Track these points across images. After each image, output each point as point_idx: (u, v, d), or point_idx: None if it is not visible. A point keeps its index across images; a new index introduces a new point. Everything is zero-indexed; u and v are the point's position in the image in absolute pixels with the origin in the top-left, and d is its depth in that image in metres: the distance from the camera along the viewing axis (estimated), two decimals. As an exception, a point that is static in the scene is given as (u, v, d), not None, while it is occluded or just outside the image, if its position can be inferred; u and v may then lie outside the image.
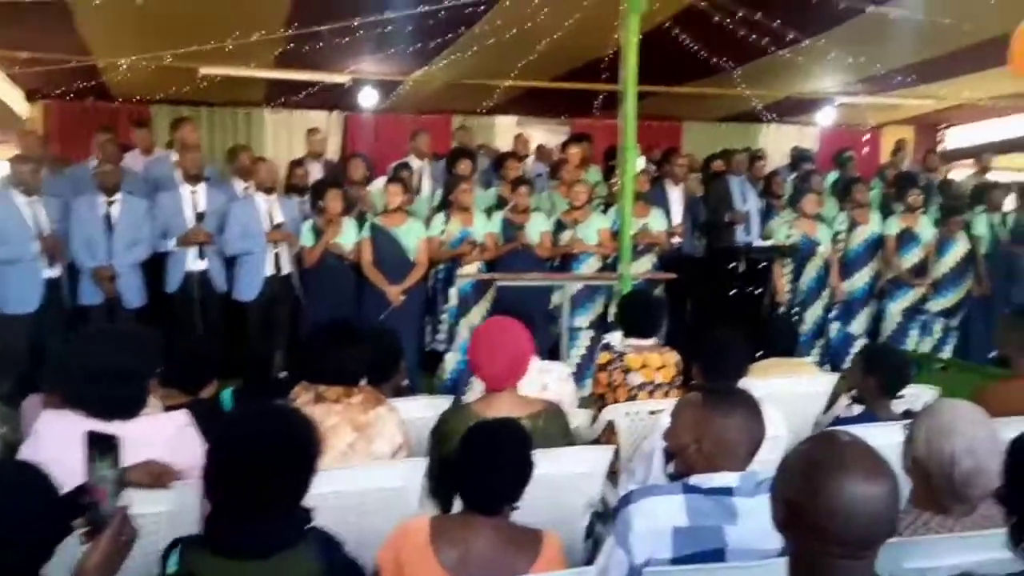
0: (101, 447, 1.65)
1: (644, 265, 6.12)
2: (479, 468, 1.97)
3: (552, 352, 5.27)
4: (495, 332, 2.81)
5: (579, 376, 5.24)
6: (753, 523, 1.88)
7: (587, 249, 6.04)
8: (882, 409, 3.01)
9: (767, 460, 1.92)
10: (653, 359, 3.56)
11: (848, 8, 5.18)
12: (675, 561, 1.85)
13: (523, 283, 5.17)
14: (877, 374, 3.04)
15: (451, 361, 5.20)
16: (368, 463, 2.57)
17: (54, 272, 5.20)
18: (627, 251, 4.93)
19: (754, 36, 5.70)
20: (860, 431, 1.57)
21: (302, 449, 1.77)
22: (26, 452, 2.26)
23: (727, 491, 1.90)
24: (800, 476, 1.43)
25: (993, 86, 8.24)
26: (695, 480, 1.94)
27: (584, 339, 5.93)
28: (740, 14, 5.15)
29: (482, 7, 5.13)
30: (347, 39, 5.74)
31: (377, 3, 4.98)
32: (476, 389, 3.10)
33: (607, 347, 3.83)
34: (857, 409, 3.11)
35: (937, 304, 6.82)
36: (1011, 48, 4.05)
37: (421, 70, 7.28)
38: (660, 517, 1.88)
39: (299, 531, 1.86)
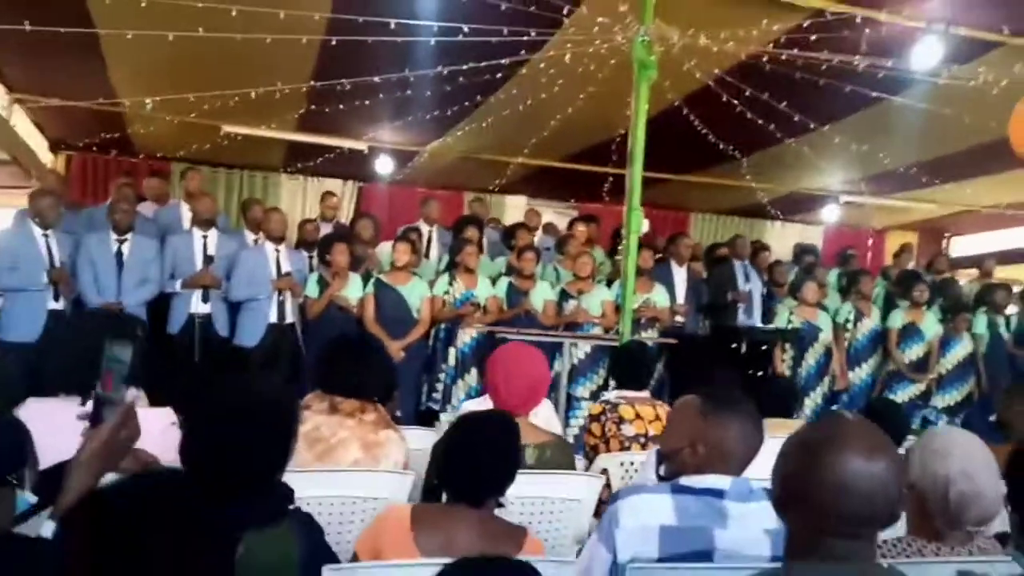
0: (121, 333, 1.62)
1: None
2: (465, 457, 1.95)
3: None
4: (514, 356, 2.81)
5: (580, 445, 5.18)
6: (743, 528, 1.84)
7: (590, 320, 6.08)
8: None
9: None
10: (646, 411, 3.52)
11: (857, 96, 5.36)
12: (661, 560, 1.80)
13: (524, 339, 5.15)
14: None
15: (445, 421, 5.16)
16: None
17: (58, 305, 5.24)
18: (629, 307, 4.95)
19: (762, 121, 5.88)
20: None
21: (278, 420, 1.75)
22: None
23: (719, 493, 1.87)
24: (800, 454, 1.43)
25: (1000, 192, 8.45)
26: (686, 480, 1.90)
27: (585, 409, 5.88)
28: (749, 93, 5.34)
29: (499, 75, 5.34)
30: (367, 101, 5.96)
31: (399, 62, 5.18)
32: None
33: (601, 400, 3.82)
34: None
35: (942, 400, 6.82)
36: (1011, 126, 4.18)
37: (437, 141, 7.50)
38: (648, 515, 1.84)
39: (280, 510, 1.83)
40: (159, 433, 2.43)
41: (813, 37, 4.53)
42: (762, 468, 1.94)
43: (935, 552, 1.97)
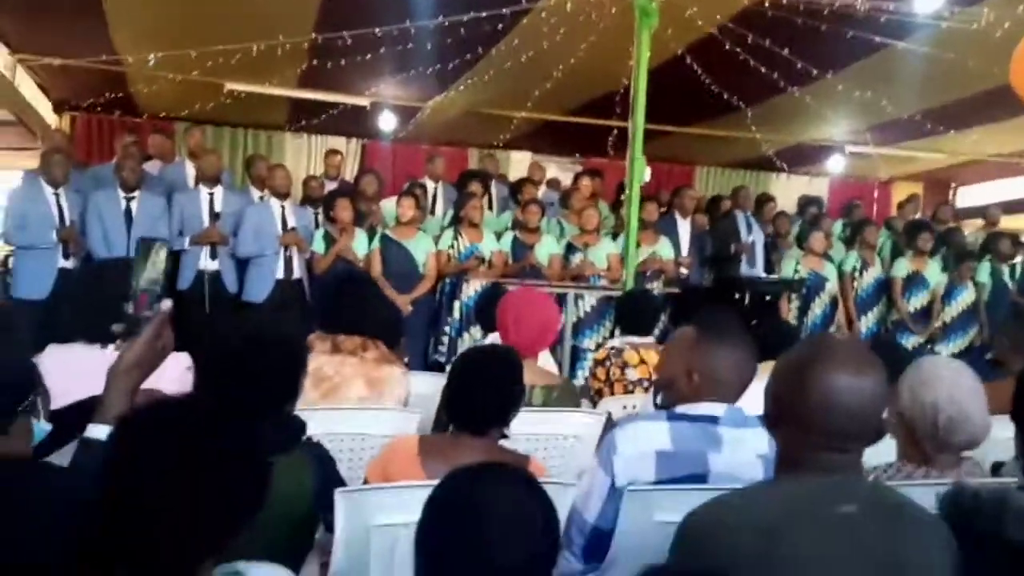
0: (149, 251, 1.68)
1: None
2: (468, 387, 2.03)
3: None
4: (525, 300, 2.90)
5: (586, 397, 5.27)
6: (737, 452, 1.92)
7: (596, 272, 6.14)
8: None
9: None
10: (651, 356, 3.59)
11: (861, 41, 5.33)
12: (658, 483, 1.88)
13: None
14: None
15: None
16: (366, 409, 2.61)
17: (68, 263, 5.33)
18: (632, 256, 5.02)
19: (766, 70, 5.87)
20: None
21: (286, 351, 1.84)
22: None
23: (713, 419, 1.94)
24: (789, 371, 1.48)
25: (1006, 140, 8.40)
26: (682, 408, 1.98)
27: (591, 361, 5.96)
28: (751, 41, 5.32)
29: (500, 25, 5.33)
30: (369, 56, 5.95)
31: (400, 14, 5.17)
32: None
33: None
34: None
35: (946, 349, 6.86)
36: (1012, 68, 4.18)
37: (440, 95, 7.49)
38: (644, 441, 1.92)
39: (294, 439, 1.92)
40: (176, 377, 2.53)
41: (814, -20, 4.52)
42: (756, 403, 2.03)
43: (924, 476, 2.05)
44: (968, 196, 11.26)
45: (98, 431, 1.48)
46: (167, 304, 1.63)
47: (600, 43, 5.50)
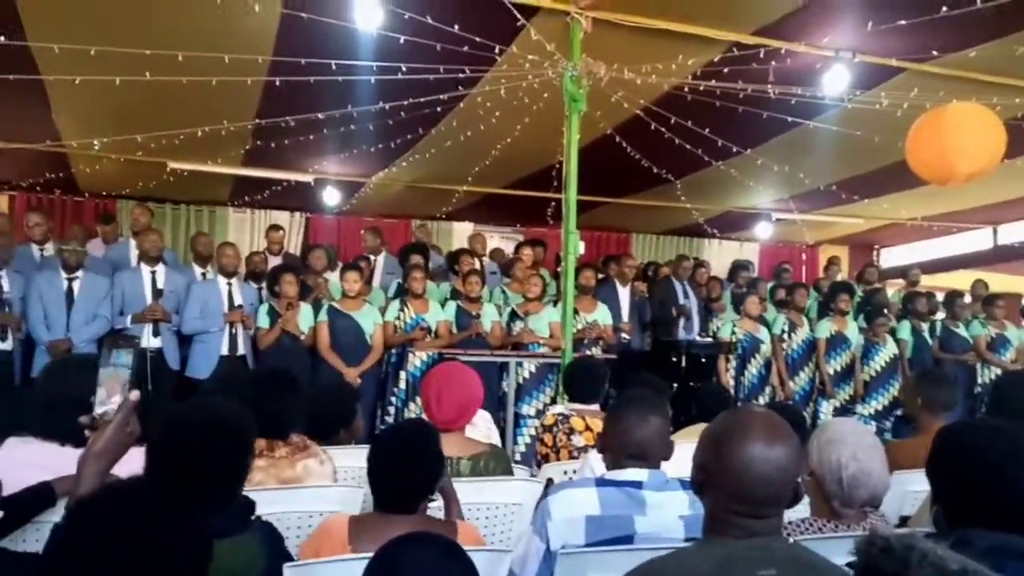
0: (120, 343, 1.76)
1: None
2: (387, 470, 2.09)
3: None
4: (446, 376, 3.00)
5: (526, 463, 5.38)
6: (660, 514, 2.08)
7: (537, 340, 6.31)
8: None
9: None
10: (596, 423, 3.73)
11: (775, 121, 5.75)
12: (588, 546, 2.02)
13: (472, 359, 5.37)
14: None
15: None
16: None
17: (6, 345, 5.29)
18: (569, 325, 5.21)
19: (690, 147, 6.24)
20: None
21: (235, 434, 1.90)
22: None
23: (637, 484, 2.10)
24: (709, 443, 1.61)
25: (917, 206, 8.98)
26: (609, 475, 2.14)
27: (531, 427, 6.09)
28: (674, 122, 5.68)
29: (439, 108, 5.59)
30: (312, 136, 6.16)
31: (341, 100, 5.40)
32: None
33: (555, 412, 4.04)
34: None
35: (867, 408, 7.15)
36: (907, 148, 4.58)
37: (382, 171, 7.72)
38: (575, 507, 2.07)
39: (244, 520, 2.00)
40: (138, 465, 2.57)
41: (726, 70, 4.89)
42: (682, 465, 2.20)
43: (834, 529, 2.23)
44: (891, 257, 11.89)
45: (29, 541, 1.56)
46: (135, 394, 1.73)
47: (534, 124, 5.80)
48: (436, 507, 2.42)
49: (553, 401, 6.13)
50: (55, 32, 4.49)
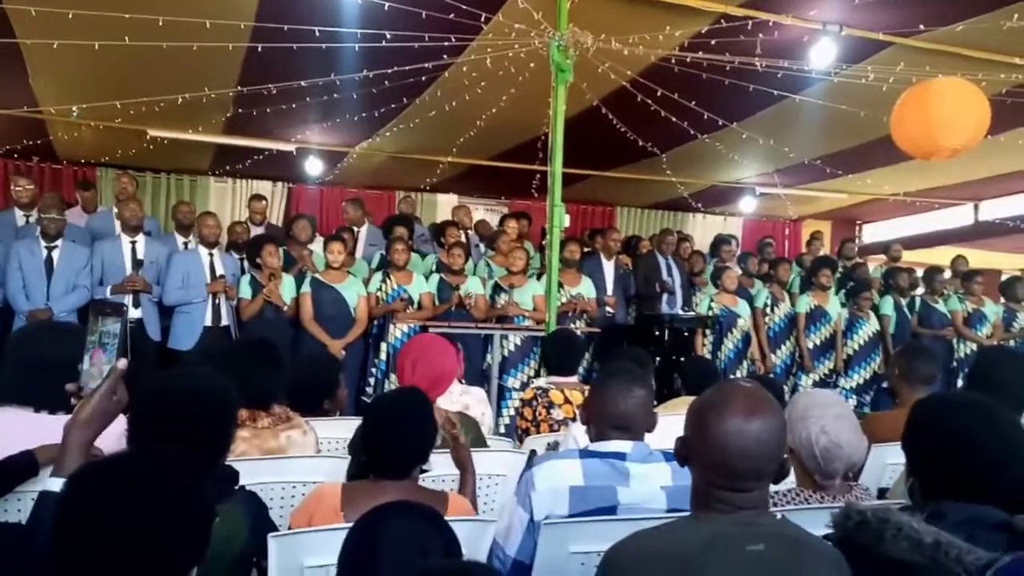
0: (106, 311, 1.74)
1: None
2: (381, 434, 2.11)
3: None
4: (423, 346, 3.01)
5: (511, 436, 5.41)
6: (643, 485, 2.11)
7: (521, 313, 6.32)
8: None
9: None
10: (575, 395, 3.76)
11: (761, 94, 5.74)
12: (571, 516, 2.04)
13: (456, 331, 5.38)
14: None
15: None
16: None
17: (-16, 313, 5.25)
18: (554, 299, 5.23)
19: (676, 119, 6.22)
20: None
21: (219, 402, 1.90)
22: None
23: (621, 456, 2.12)
24: (692, 418, 1.62)
25: (901, 181, 9.03)
26: (593, 446, 2.16)
27: (516, 400, 6.12)
28: (661, 94, 5.66)
29: (424, 78, 5.53)
30: (294, 105, 6.08)
31: (325, 67, 5.32)
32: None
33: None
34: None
35: (848, 381, 7.25)
36: (891, 123, 4.59)
37: (366, 141, 7.65)
38: (559, 478, 2.09)
39: (227, 489, 2.01)
40: (115, 439, 2.56)
41: (713, 42, 4.87)
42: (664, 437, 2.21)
43: (819, 500, 2.26)
44: (873, 233, 11.98)
45: (55, 484, 1.55)
46: (123, 362, 1.71)
47: (520, 95, 5.76)
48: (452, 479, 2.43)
49: (537, 374, 6.16)
50: (32, -6, 4.39)
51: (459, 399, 3.40)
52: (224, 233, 6.86)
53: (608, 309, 7.00)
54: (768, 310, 7.33)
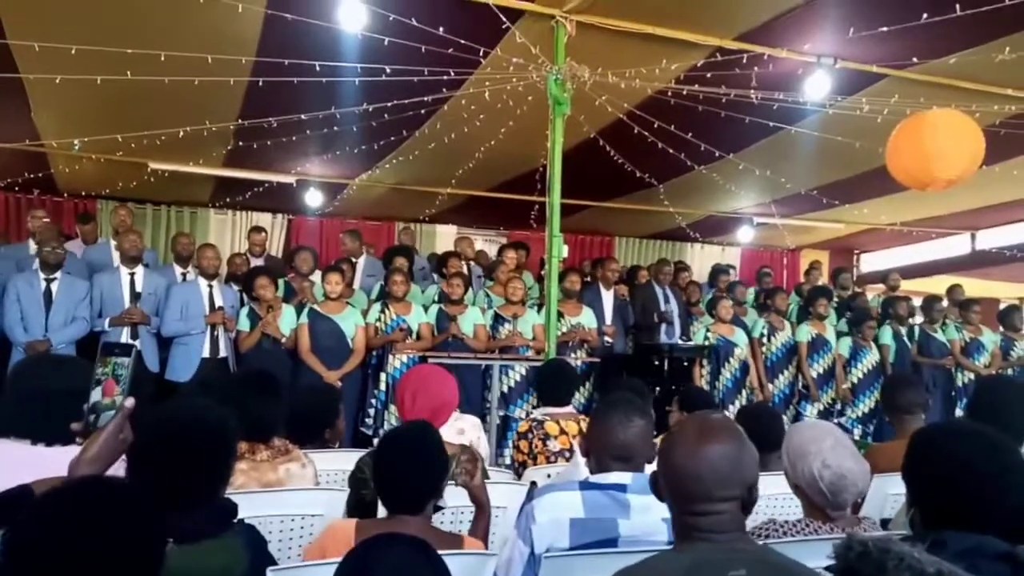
0: (117, 350, 1.75)
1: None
2: (392, 469, 2.11)
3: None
4: (422, 376, 3.00)
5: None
6: (644, 517, 2.10)
7: (525, 343, 6.32)
8: (768, 464, 3.21)
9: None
10: (571, 426, 3.73)
11: (757, 126, 5.80)
12: (572, 549, 2.03)
13: (455, 362, 5.37)
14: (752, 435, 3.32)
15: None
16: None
17: (-19, 346, 5.25)
18: (553, 329, 5.23)
19: (673, 150, 6.28)
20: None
21: (218, 434, 1.90)
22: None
23: (622, 488, 2.12)
24: (659, 449, 1.68)
25: (897, 211, 9.09)
26: (593, 478, 2.15)
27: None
28: (657, 126, 5.72)
29: (423, 111, 5.59)
30: (295, 137, 6.13)
31: (325, 101, 5.38)
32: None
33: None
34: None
35: (853, 411, 7.22)
36: (887, 154, 4.64)
37: (366, 173, 7.71)
38: (560, 510, 2.08)
39: (226, 521, 2.00)
40: (115, 468, 2.55)
41: (709, 75, 4.93)
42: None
43: (829, 531, 2.24)
44: (871, 262, 12.02)
45: None
46: (130, 401, 1.71)
47: (518, 127, 5.82)
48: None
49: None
50: (35, 30, 4.45)
51: (453, 424, 3.39)
52: (224, 265, 6.88)
53: (607, 339, 7.02)
54: (765, 339, 7.34)
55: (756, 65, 4.87)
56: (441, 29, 4.38)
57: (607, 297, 7.27)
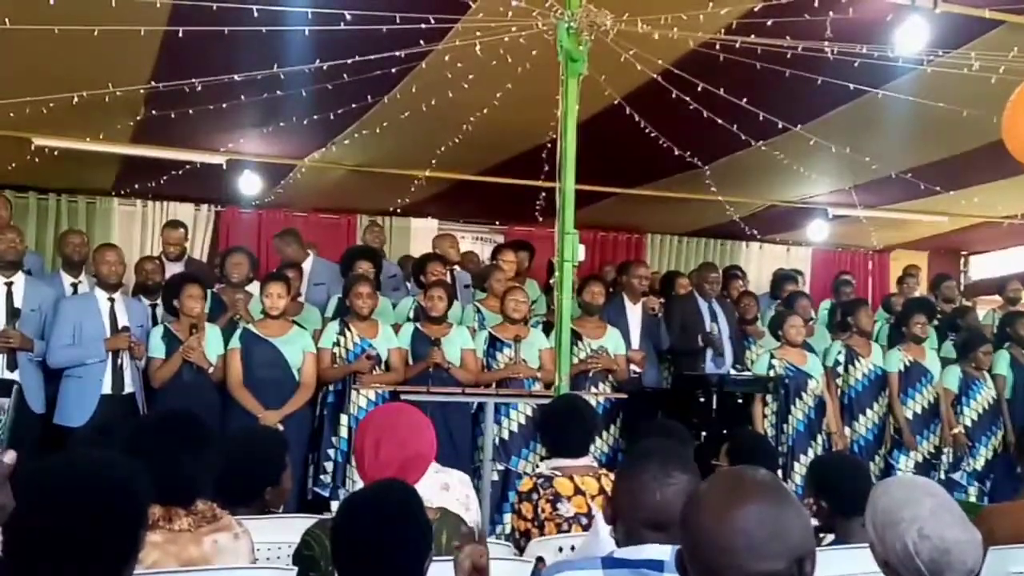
0: None
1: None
2: (361, 545, 2.12)
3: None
4: (388, 418, 3.00)
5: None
6: (685, 603, 2.09)
7: (533, 374, 6.32)
8: (851, 534, 3.23)
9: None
10: (589, 483, 3.71)
11: (834, 89, 5.80)
12: (593, 645, 2.03)
13: (437, 399, 5.38)
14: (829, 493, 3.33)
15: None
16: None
17: None
18: (565, 355, 5.23)
19: (723, 121, 6.29)
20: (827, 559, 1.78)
21: (122, 498, 1.88)
22: None
23: (657, 565, 2.11)
24: (681, 518, 1.71)
25: (1019, 200, 9.07)
26: (622, 552, 2.15)
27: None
28: (702, 89, 5.72)
29: (394, 70, 5.60)
30: (225, 105, 6.12)
31: (265, 57, 5.39)
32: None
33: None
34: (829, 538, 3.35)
35: (968, 463, 7.24)
36: (1004, 125, 4.65)
37: (318, 152, 7.71)
38: (576, 596, 2.08)
39: (133, 612, 1.99)
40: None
41: (770, 22, 4.93)
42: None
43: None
44: (983, 267, 12.02)
45: None
46: (10, 455, 1.67)
47: (519, 92, 5.82)
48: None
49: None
50: None
51: (435, 479, 3.38)
52: (130, 272, 6.88)
53: (634, 368, 7.00)
54: (843, 369, 7.33)
55: (831, 9, 4.87)
56: (418, -37, 4.41)
57: (633, 312, 7.27)
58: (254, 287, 6.82)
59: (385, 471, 2.84)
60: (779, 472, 5.77)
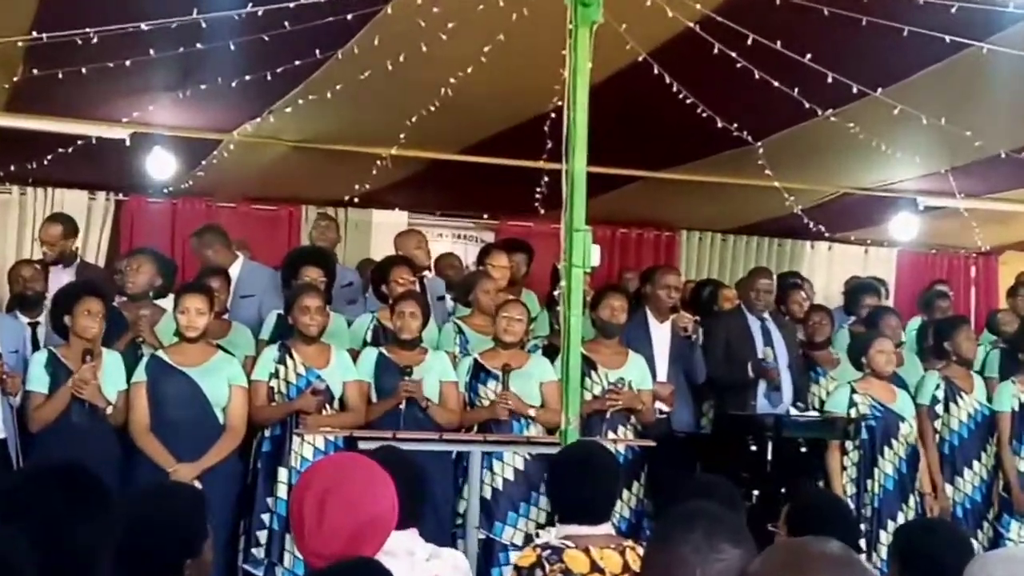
0: None
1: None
2: None
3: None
4: (336, 472, 2.99)
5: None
6: None
7: (526, 413, 6.34)
8: None
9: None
10: (609, 559, 3.73)
11: (924, 42, 5.79)
12: None
13: (407, 446, 5.37)
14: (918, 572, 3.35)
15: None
16: None
17: None
18: (574, 390, 5.23)
19: (780, 84, 6.29)
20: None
21: None
22: None
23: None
24: None
25: None
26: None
27: (511, 570, 6.09)
28: (752, 42, 5.73)
29: (350, 16, 5.58)
30: (128, 62, 6.11)
31: (183, 2, 5.38)
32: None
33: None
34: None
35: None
36: None
37: (251, 123, 7.71)
38: None
39: None
40: None
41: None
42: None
43: None
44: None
45: None
46: None
47: (513, 46, 5.82)
48: None
49: (552, 518, 6.13)
50: None
51: (425, 568, 3.39)
52: (1, 279, 6.88)
53: (661, 407, 6.99)
54: (941, 408, 7.32)
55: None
56: None
57: (659, 333, 7.27)
58: (167, 301, 6.82)
59: (331, 543, 2.83)
60: (861, 543, 5.76)
